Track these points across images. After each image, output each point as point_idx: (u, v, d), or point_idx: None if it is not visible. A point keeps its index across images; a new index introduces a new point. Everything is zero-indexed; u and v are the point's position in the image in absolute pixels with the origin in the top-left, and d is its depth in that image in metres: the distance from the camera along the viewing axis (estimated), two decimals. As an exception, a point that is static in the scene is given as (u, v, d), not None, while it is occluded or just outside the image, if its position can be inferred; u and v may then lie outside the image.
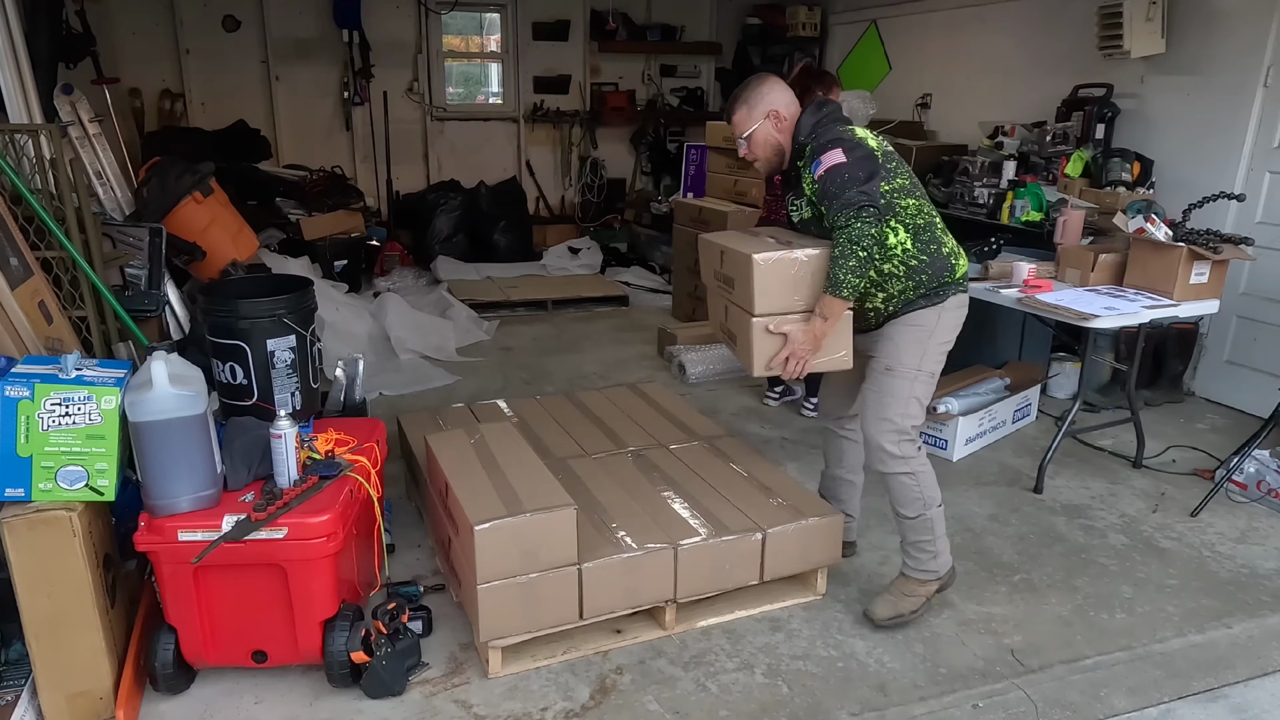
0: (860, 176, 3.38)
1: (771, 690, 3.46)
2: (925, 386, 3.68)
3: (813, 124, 3.57)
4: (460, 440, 4.02)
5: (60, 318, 3.97)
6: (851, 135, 3.50)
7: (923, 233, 3.57)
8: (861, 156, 3.43)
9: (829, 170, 3.40)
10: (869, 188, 3.37)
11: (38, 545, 2.99)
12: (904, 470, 3.71)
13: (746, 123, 3.64)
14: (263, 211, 8.73)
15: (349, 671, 3.32)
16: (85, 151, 5.56)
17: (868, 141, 3.52)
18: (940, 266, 3.58)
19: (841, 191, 3.37)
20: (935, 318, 3.61)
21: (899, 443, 3.66)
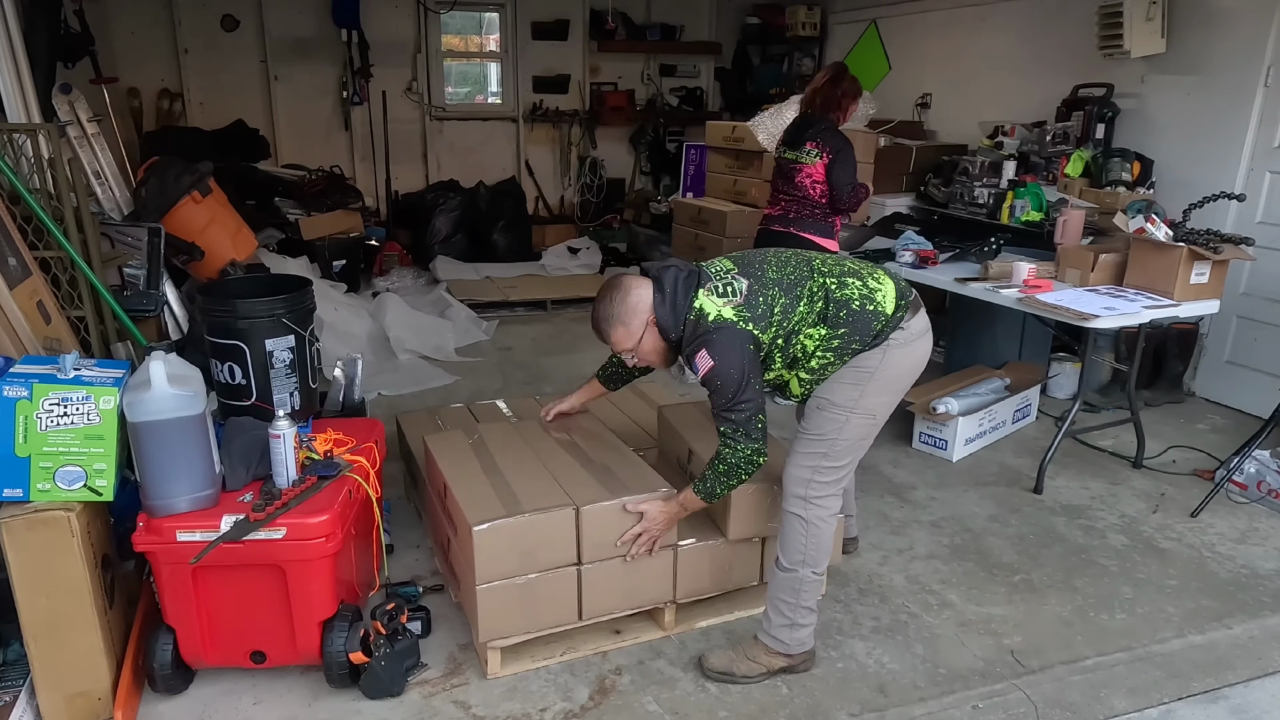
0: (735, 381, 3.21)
1: (771, 691, 3.46)
2: (859, 429, 3.38)
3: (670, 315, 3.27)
4: (459, 441, 4.02)
5: (58, 317, 3.97)
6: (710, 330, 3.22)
7: (834, 311, 3.26)
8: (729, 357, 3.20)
9: (704, 379, 3.26)
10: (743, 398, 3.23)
11: (36, 545, 2.98)
12: (799, 512, 3.40)
13: (629, 340, 3.35)
14: (261, 211, 8.74)
15: (348, 672, 3.31)
16: (84, 151, 5.55)
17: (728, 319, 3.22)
18: (863, 324, 3.27)
19: (722, 398, 3.25)
20: (879, 357, 3.30)
21: (808, 483, 3.38)
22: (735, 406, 3.23)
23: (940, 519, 4.80)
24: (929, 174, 7.54)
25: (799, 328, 3.26)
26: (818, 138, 5.61)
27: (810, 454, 3.37)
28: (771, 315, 3.24)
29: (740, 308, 3.22)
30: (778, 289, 3.26)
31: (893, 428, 5.81)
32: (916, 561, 4.38)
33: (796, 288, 3.27)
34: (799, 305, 3.26)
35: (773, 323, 3.24)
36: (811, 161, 5.62)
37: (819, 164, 5.59)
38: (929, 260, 5.78)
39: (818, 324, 3.26)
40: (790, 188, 5.75)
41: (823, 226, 5.73)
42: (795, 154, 5.70)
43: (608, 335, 3.37)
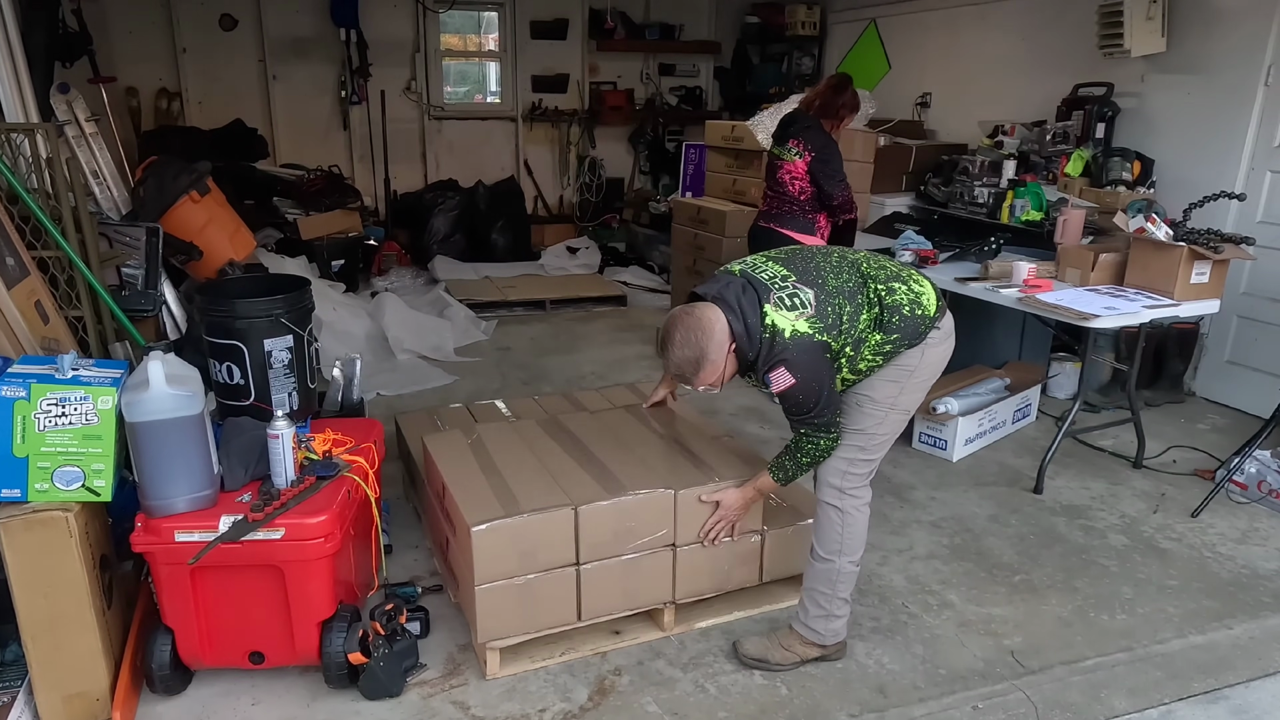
0: (814, 395, 3.17)
1: (770, 691, 3.45)
2: (895, 424, 3.44)
3: (746, 338, 3.15)
4: (458, 441, 4.01)
5: (56, 317, 3.96)
6: (788, 347, 3.12)
7: (887, 317, 3.24)
8: (809, 372, 3.13)
9: (780, 394, 3.19)
10: (823, 408, 3.21)
11: (34, 546, 2.98)
12: (835, 503, 3.44)
13: (716, 374, 3.23)
14: (260, 211, 8.72)
15: (346, 673, 3.31)
16: (82, 151, 5.54)
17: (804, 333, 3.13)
18: (912, 328, 3.28)
19: (797, 410, 3.24)
20: (919, 356, 3.34)
21: (844, 474, 3.42)
22: (817, 416, 3.23)
23: (940, 519, 4.79)
24: (929, 173, 7.54)
25: (864, 338, 3.23)
26: (800, 135, 5.67)
27: (848, 446, 3.38)
28: (841, 324, 3.17)
29: (813, 319, 3.14)
30: (841, 297, 3.20)
31: (892, 427, 5.82)
32: (916, 562, 4.38)
33: (856, 295, 3.23)
34: (861, 313, 3.21)
35: (843, 330, 3.18)
36: (792, 159, 5.68)
37: (799, 162, 5.65)
38: (929, 260, 5.78)
39: (874, 330, 3.24)
40: (774, 184, 5.84)
41: (803, 223, 5.76)
42: (779, 150, 5.79)
43: (696, 376, 3.24)
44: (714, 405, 6.22)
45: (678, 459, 3.84)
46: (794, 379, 3.11)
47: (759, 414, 6.17)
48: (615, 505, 3.49)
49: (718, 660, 3.62)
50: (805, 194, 5.70)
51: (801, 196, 5.71)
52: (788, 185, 5.73)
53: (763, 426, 5.94)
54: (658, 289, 9.73)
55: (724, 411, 6.17)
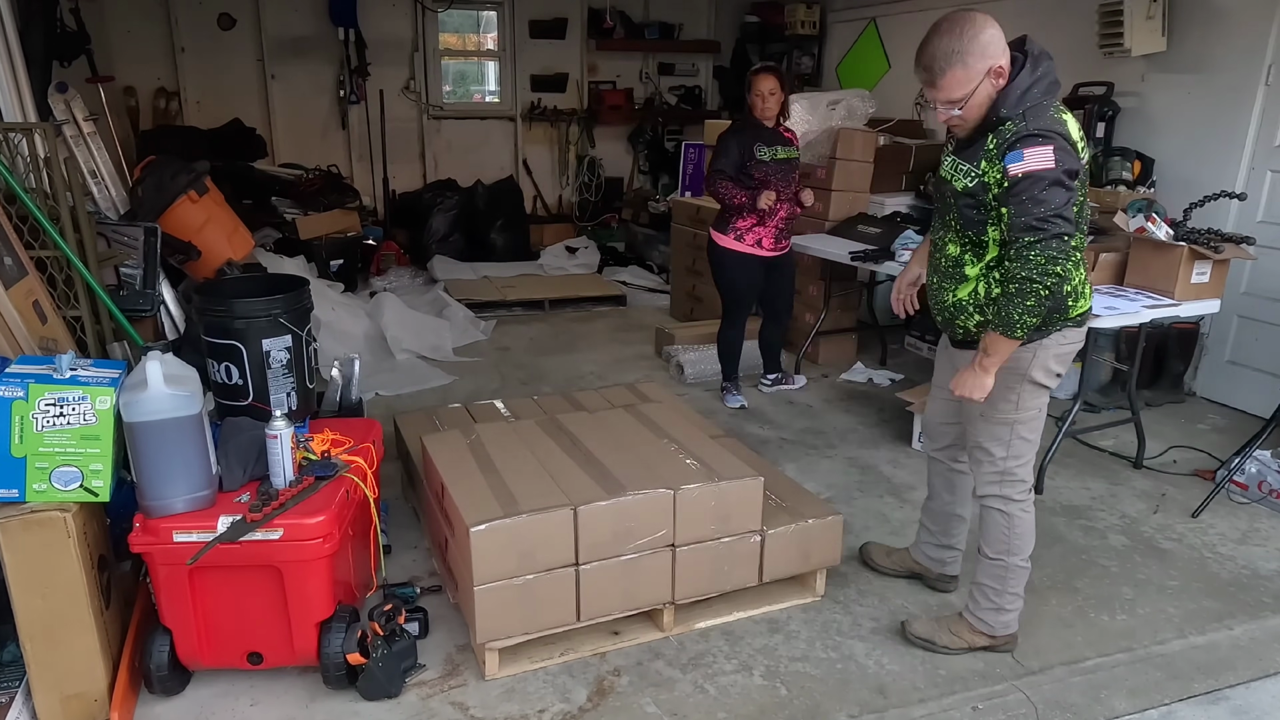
0: (1061, 194, 2.92)
1: (770, 692, 3.45)
2: (1028, 425, 3.42)
3: (1022, 94, 2.99)
4: (457, 441, 4.01)
5: (55, 317, 3.95)
6: (1064, 130, 2.97)
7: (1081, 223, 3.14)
8: (1068, 168, 2.93)
9: (1029, 175, 2.91)
10: (1066, 210, 2.93)
11: (32, 546, 2.97)
12: (999, 507, 3.47)
13: (964, 85, 2.99)
14: (258, 211, 8.73)
15: (345, 673, 3.30)
16: (80, 150, 5.53)
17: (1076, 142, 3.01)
18: (1057, 303, 3.18)
19: (1036, 206, 2.92)
20: (1030, 357, 3.28)
21: (1000, 481, 3.45)
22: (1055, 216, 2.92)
23: (940, 519, 4.77)
24: (929, 173, 7.52)
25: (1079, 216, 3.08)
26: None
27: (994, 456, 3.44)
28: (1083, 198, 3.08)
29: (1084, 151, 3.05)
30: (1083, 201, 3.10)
31: (893, 427, 5.84)
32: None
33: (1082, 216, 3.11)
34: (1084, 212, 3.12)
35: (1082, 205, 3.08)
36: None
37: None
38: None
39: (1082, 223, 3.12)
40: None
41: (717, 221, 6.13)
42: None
43: (942, 73, 3.02)
44: (714, 406, 6.23)
45: (677, 459, 3.83)
46: (1054, 161, 2.90)
47: (758, 415, 6.16)
48: (614, 505, 3.48)
49: (717, 660, 3.62)
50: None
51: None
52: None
53: (762, 427, 5.93)
54: (657, 289, 9.72)
55: (723, 412, 6.17)
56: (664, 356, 7.28)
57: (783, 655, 3.66)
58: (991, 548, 3.52)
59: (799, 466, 5.32)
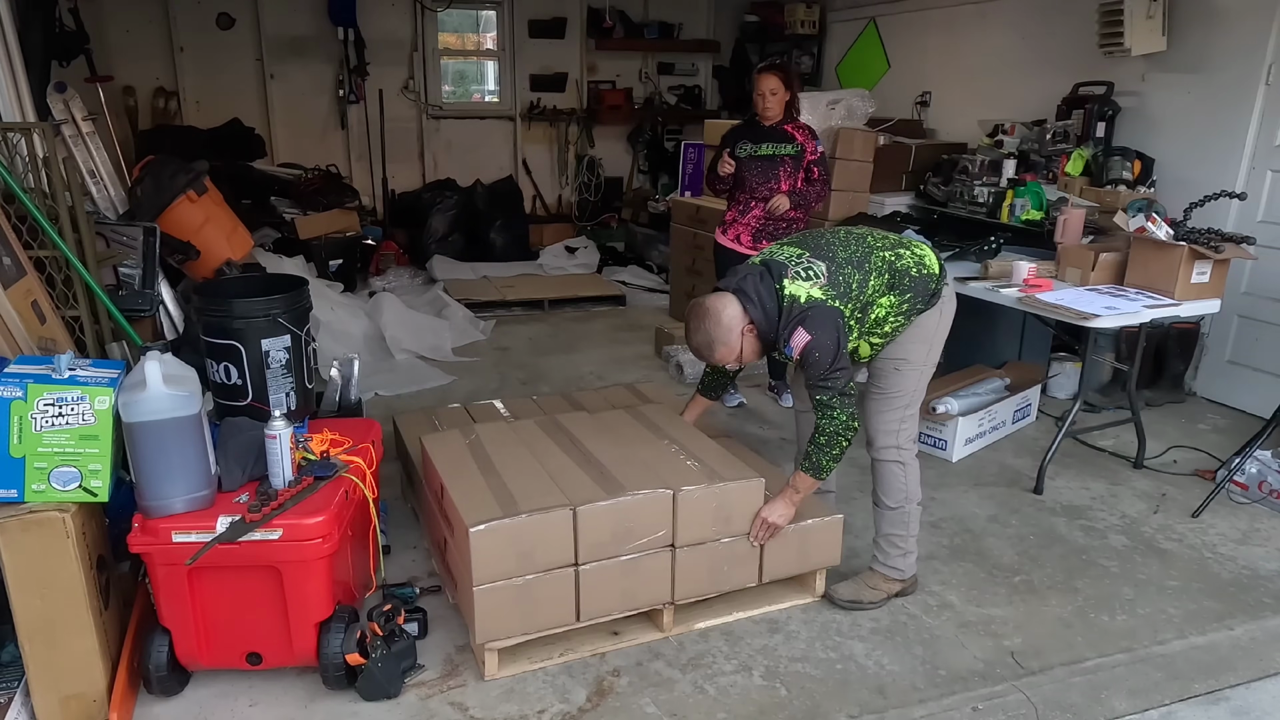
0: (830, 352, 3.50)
1: (770, 692, 3.44)
2: (926, 378, 3.93)
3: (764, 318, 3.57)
4: (456, 441, 4.00)
5: (53, 317, 3.94)
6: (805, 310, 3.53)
7: (898, 280, 3.68)
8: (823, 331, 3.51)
9: (801, 353, 3.53)
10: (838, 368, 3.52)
11: (31, 547, 2.97)
12: (896, 460, 3.91)
13: (732, 354, 3.64)
14: (257, 210, 8.71)
15: (344, 674, 3.29)
16: (79, 150, 5.52)
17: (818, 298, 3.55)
18: (923, 286, 3.73)
19: (819, 370, 3.52)
20: (936, 317, 3.81)
21: (898, 433, 3.90)
22: (833, 374, 3.52)
23: (940, 519, 4.78)
24: (928, 173, 7.53)
25: (873, 299, 3.64)
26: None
27: (896, 409, 3.88)
28: (850, 291, 3.58)
29: (825, 287, 3.55)
30: (850, 267, 3.62)
31: (892, 427, 5.81)
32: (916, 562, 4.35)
33: (864, 264, 3.64)
34: (870, 279, 3.62)
35: (852, 297, 3.58)
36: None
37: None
38: (928, 259, 5.76)
39: (887, 293, 3.66)
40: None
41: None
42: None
43: (712, 357, 3.65)
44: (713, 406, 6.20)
45: (676, 459, 3.83)
46: (810, 335, 3.49)
47: (758, 415, 6.16)
48: (614, 506, 3.48)
49: (717, 661, 3.61)
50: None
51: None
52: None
53: (762, 427, 5.93)
54: (656, 289, 9.72)
55: (723, 412, 6.15)
56: (664, 356, 7.28)
57: (782, 655, 3.65)
58: (892, 499, 3.95)
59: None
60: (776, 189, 5.87)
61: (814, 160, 5.92)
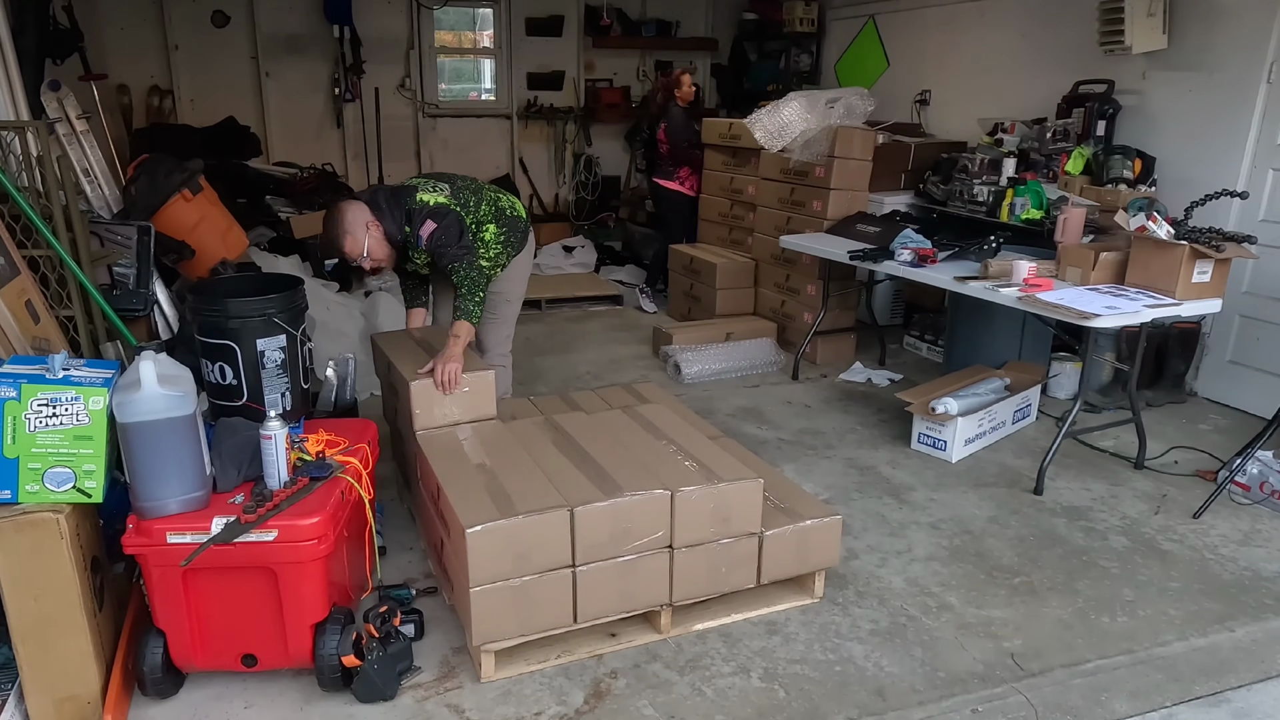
0: (455, 235, 4.45)
1: (768, 694, 3.43)
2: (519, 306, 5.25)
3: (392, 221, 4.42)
4: (452, 441, 3.99)
5: (47, 317, 3.93)
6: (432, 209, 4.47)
7: (500, 214, 4.80)
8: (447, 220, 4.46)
9: (429, 238, 4.43)
10: (465, 241, 4.48)
11: (25, 548, 2.96)
12: (503, 364, 5.15)
13: (358, 246, 4.38)
14: (252, 210, 8.66)
15: (340, 675, 3.29)
16: (73, 149, 5.50)
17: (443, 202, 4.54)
18: (515, 225, 4.90)
19: (446, 248, 4.43)
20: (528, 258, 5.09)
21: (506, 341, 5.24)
22: (459, 248, 4.44)
23: (939, 520, 4.76)
24: (928, 172, 7.52)
25: (484, 221, 4.71)
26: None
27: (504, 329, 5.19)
28: (469, 206, 4.65)
29: (450, 197, 4.58)
30: (468, 191, 4.71)
31: (891, 428, 5.83)
32: (915, 563, 4.35)
33: (479, 192, 4.78)
34: (483, 204, 4.73)
35: (469, 211, 4.64)
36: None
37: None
38: (928, 259, 5.75)
39: (493, 221, 4.76)
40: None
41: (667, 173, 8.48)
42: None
43: (342, 247, 4.41)
44: (711, 406, 6.21)
45: (674, 460, 3.82)
46: (435, 224, 4.42)
47: (756, 415, 6.14)
48: (612, 507, 3.47)
49: (715, 663, 3.60)
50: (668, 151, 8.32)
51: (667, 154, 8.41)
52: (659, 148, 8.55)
53: (761, 427, 5.91)
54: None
55: (721, 412, 6.15)
56: (661, 356, 7.26)
57: (781, 657, 3.64)
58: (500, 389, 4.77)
59: (797, 467, 5.31)
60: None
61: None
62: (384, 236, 4.40)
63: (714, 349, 6.98)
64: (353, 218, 4.35)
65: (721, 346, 7.09)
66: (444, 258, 4.43)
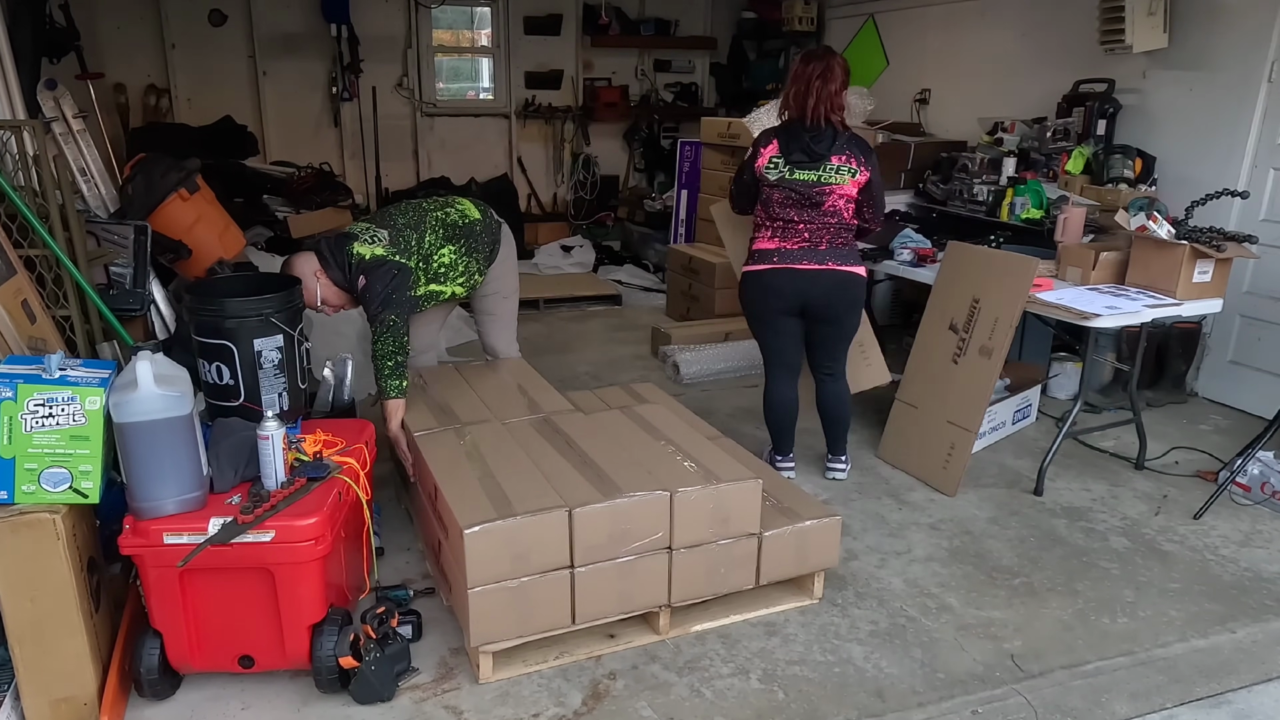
0: (378, 293, 4.31)
1: (767, 696, 3.42)
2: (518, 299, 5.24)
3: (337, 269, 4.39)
4: (450, 442, 3.98)
5: (44, 317, 3.91)
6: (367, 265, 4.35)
7: (451, 231, 4.66)
8: (379, 278, 4.33)
9: (360, 292, 4.36)
10: (381, 305, 4.31)
11: (21, 548, 2.95)
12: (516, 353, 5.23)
13: (312, 295, 4.34)
14: (250, 209, 8.65)
15: (337, 677, 3.27)
16: (69, 148, 5.48)
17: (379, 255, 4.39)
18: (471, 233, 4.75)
19: (369, 304, 4.34)
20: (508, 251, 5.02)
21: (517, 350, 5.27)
22: (382, 310, 4.31)
23: (939, 521, 4.76)
24: (928, 171, 7.50)
25: (434, 249, 4.59)
26: (845, 150, 4.68)
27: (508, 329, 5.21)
28: (412, 247, 4.51)
29: (388, 246, 4.44)
30: (409, 229, 4.55)
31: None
32: (915, 564, 4.34)
33: (421, 225, 4.59)
34: (426, 235, 4.57)
35: (414, 252, 4.51)
36: (844, 180, 4.69)
37: (853, 182, 4.71)
38: (928, 259, 5.74)
39: (446, 243, 4.63)
40: (816, 215, 4.73)
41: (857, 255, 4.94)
42: (817, 174, 4.67)
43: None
44: (710, 406, 6.19)
45: (673, 461, 3.81)
46: (367, 280, 4.33)
47: (755, 416, 6.10)
48: (610, 508, 3.45)
49: (714, 664, 3.59)
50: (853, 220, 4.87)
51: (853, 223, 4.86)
52: (842, 213, 4.78)
53: (760, 428, 5.87)
54: (653, 288, 9.69)
55: (720, 413, 6.14)
56: (660, 356, 7.25)
57: (780, 659, 3.63)
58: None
59: (796, 468, 5.29)
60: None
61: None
62: (332, 283, 4.41)
63: (713, 349, 6.97)
64: (301, 268, 4.37)
65: (720, 346, 7.08)
66: (368, 313, 4.41)
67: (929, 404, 5.25)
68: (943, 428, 5.10)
